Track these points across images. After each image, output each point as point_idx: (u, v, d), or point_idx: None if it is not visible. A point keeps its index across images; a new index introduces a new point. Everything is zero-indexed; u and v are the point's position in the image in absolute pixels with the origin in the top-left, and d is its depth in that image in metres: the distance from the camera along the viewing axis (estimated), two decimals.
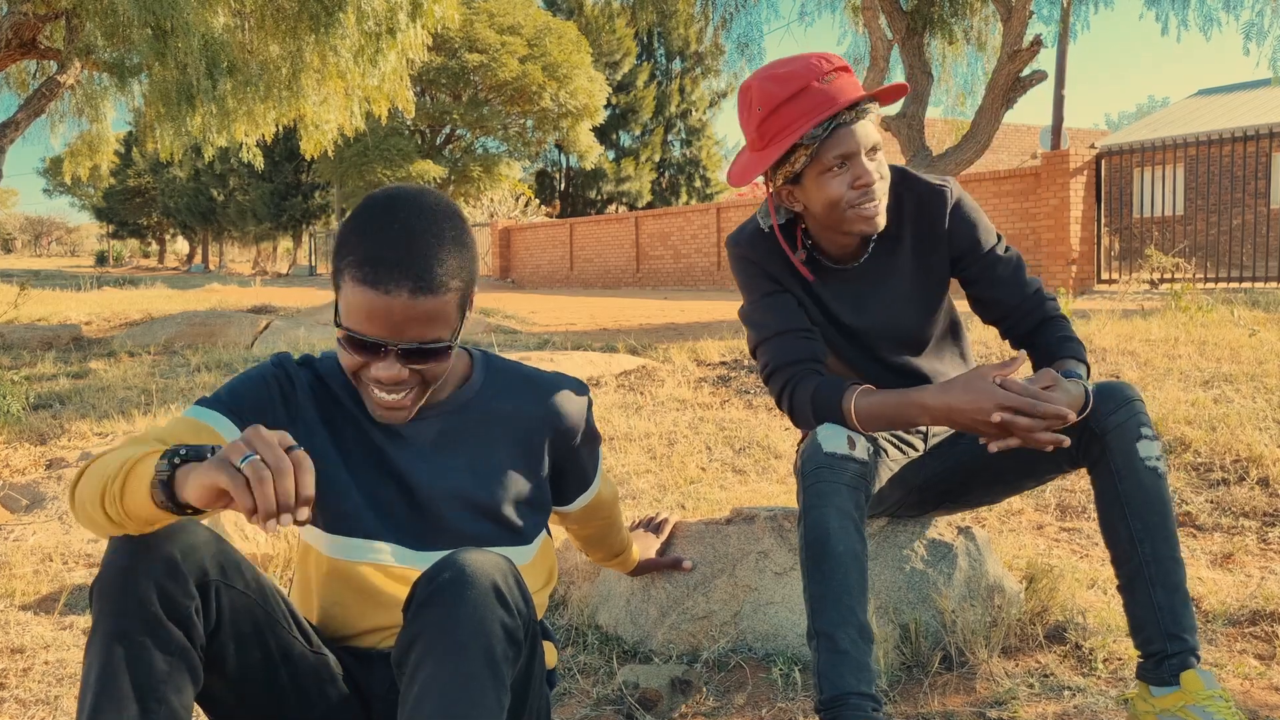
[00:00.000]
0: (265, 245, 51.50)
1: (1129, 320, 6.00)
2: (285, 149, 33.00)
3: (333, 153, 11.40)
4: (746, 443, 3.94)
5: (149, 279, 26.09)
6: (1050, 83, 19.11)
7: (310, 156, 11.10)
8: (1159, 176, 13.19)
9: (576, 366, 5.46)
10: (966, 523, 2.27)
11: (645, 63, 36.62)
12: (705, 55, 35.85)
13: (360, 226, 1.27)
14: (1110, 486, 1.72)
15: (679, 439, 4.02)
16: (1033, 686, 1.95)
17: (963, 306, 2.16)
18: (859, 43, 12.04)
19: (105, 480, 1.15)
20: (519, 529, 1.48)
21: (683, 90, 37.08)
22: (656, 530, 2.24)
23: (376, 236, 1.25)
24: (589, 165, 32.50)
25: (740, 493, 3.29)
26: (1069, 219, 12.23)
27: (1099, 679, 1.98)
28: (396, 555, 1.42)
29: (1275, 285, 10.70)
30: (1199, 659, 1.66)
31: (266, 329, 9.34)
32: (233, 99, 8.93)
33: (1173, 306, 6.46)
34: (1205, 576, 2.49)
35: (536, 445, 1.50)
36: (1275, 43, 25.90)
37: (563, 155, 35.68)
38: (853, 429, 1.74)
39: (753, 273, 1.91)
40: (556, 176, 37.03)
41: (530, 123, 28.96)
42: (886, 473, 1.95)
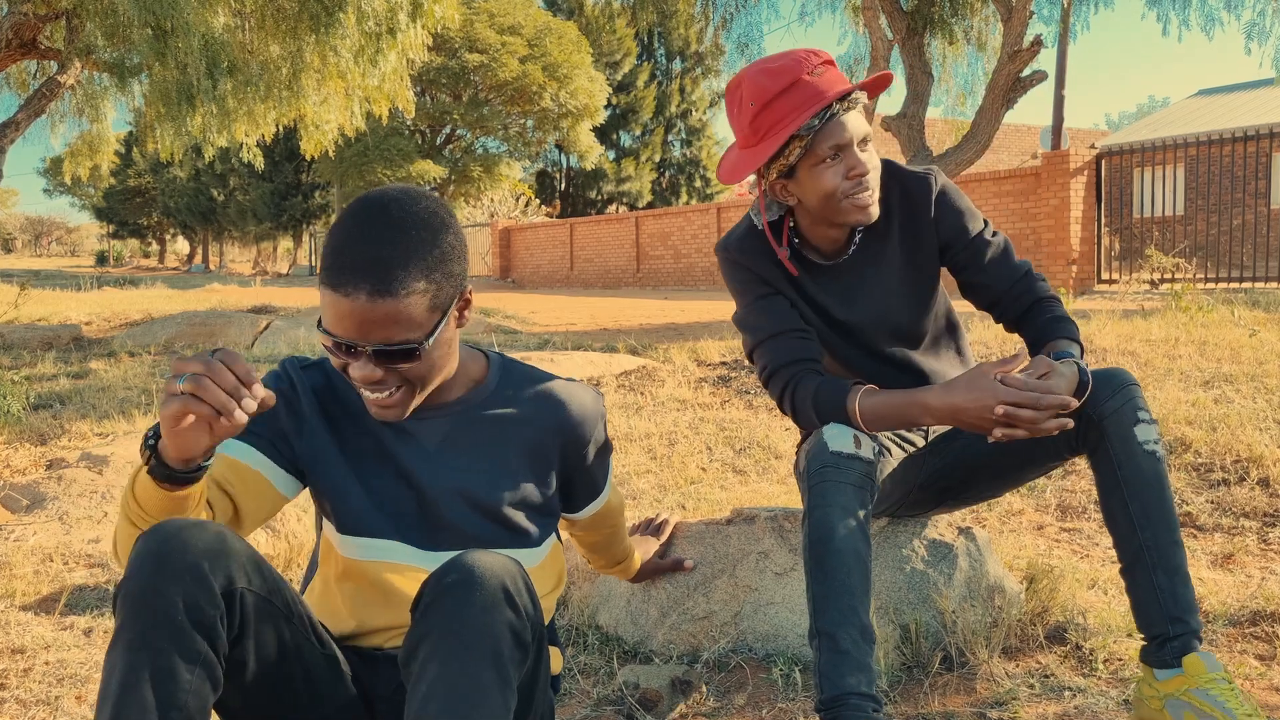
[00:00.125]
0: (265, 245, 51.53)
1: (1129, 320, 6.00)
2: (285, 149, 33.01)
3: (333, 153, 11.39)
4: (747, 443, 3.94)
5: (149, 279, 26.08)
6: (1050, 83, 19.11)
7: (310, 156, 11.10)
8: (1159, 176, 13.19)
9: (577, 366, 5.46)
10: (967, 523, 2.27)
11: (645, 63, 36.62)
12: (705, 55, 35.85)
13: (332, 231, 1.30)
14: (1109, 472, 1.73)
15: (679, 439, 4.02)
16: (1033, 687, 1.95)
17: (961, 308, 2.17)
18: (859, 43, 12.07)
19: (123, 501, 1.29)
20: (526, 532, 1.48)
21: (683, 90, 37.09)
22: (657, 532, 2.24)
23: (342, 240, 1.26)
24: (589, 165, 32.49)
25: (741, 493, 3.29)
26: (1069, 219, 12.23)
27: (1099, 679, 1.98)
28: (405, 554, 1.43)
29: (1275, 285, 10.70)
30: (1200, 640, 1.67)
31: (267, 329, 9.34)
32: (233, 99, 8.93)
33: (1173, 307, 6.46)
34: (1206, 577, 2.49)
35: (547, 451, 1.50)
36: (1277, 42, 25.91)
37: (563, 155, 35.69)
38: (857, 429, 1.74)
39: (744, 277, 1.91)
40: (557, 176, 37.04)
41: (530, 123, 28.95)
42: (888, 471, 1.95)
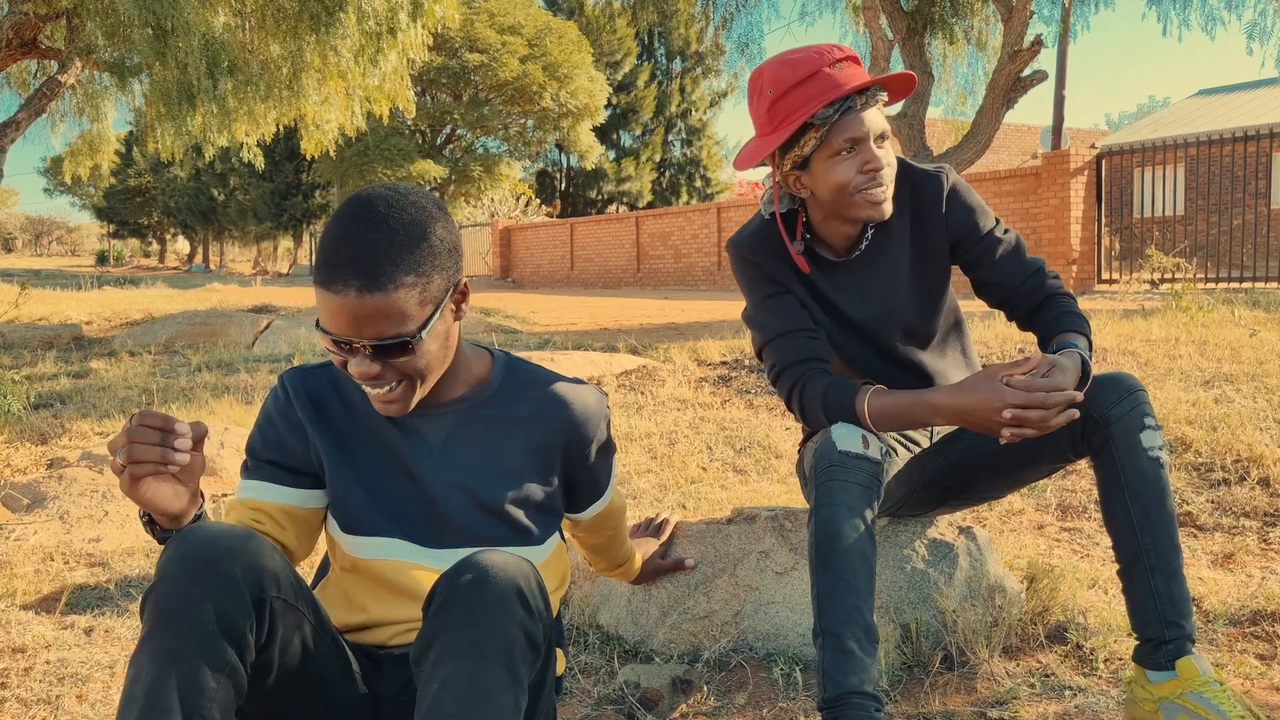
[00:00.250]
0: (266, 245, 51.50)
1: (1129, 320, 5.99)
2: (286, 148, 32.99)
3: (333, 152, 11.38)
4: (747, 442, 3.94)
5: (149, 278, 26.08)
6: (1051, 83, 19.09)
7: (311, 156, 11.09)
8: (1159, 176, 13.19)
9: (577, 366, 5.46)
10: (967, 522, 2.27)
11: (646, 63, 36.61)
12: (706, 55, 35.85)
13: (324, 230, 1.32)
14: (1113, 475, 1.74)
15: (680, 439, 4.02)
16: (1034, 686, 1.95)
17: (966, 306, 2.16)
18: (859, 43, 12.03)
19: None
20: (529, 529, 1.49)
21: (683, 90, 37.08)
22: (657, 532, 2.23)
23: (331, 240, 1.28)
24: (589, 165, 32.47)
25: (741, 492, 3.29)
26: (1069, 219, 12.23)
27: (1100, 679, 1.98)
28: (408, 552, 1.44)
29: (1276, 285, 10.70)
30: (1194, 644, 1.68)
31: (267, 329, 9.34)
32: (233, 98, 8.93)
33: (1173, 306, 6.46)
34: (1206, 576, 2.49)
35: (550, 450, 1.50)
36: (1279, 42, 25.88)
37: (563, 155, 35.67)
38: (865, 429, 1.74)
39: (754, 275, 1.91)
40: (557, 176, 37.03)
41: (531, 122, 28.92)
42: (893, 471, 1.95)
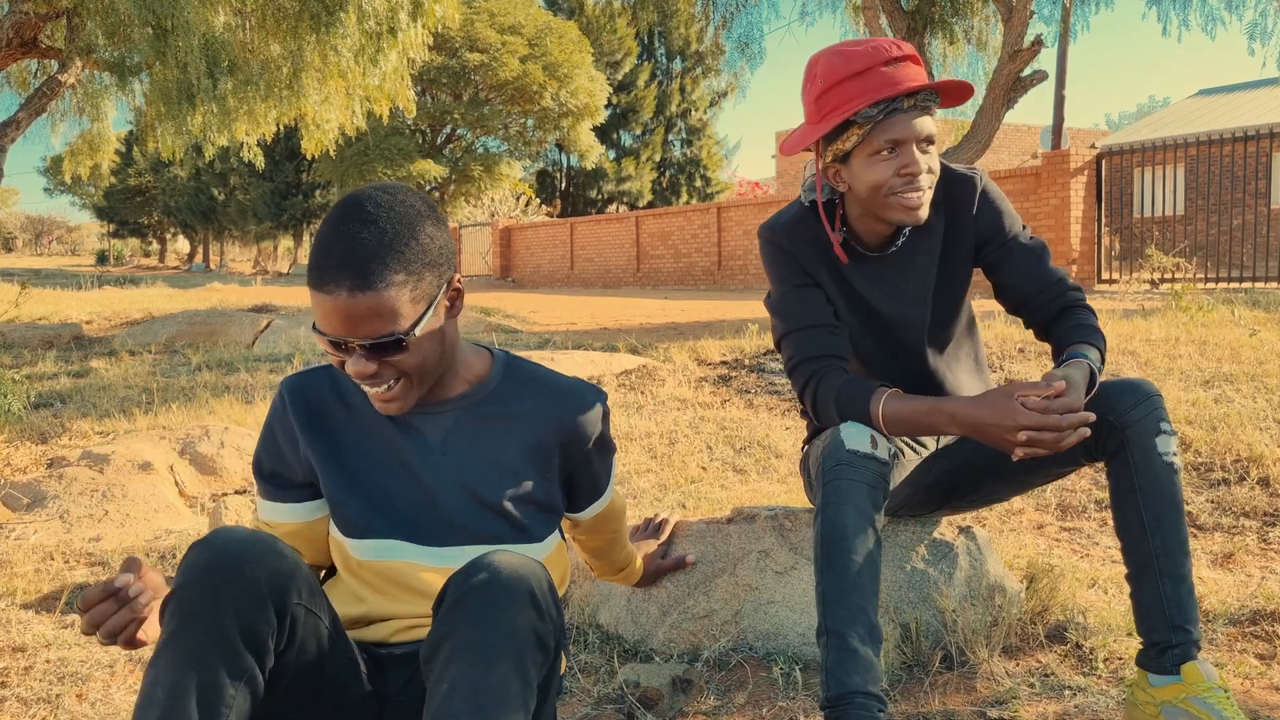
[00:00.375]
0: (266, 244, 51.51)
1: (1129, 320, 5.99)
2: (286, 148, 32.99)
3: (334, 152, 11.37)
4: (747, 442, 3.94)
5: (150, 278, 26.09)
6: (1051, 83, 19.07)
7: (311, 156, 11.10)
8: (1159, 176, 13.19)
9: (577, 366, 5.46)
10: (967, 522, 2.27)
11: (646, 62, 36.60)
12: (706, 55, 35.84)
13: (317, 232, 1.33)
14: (1127, 479, 1.74)
15: (680, 438, 4.02)
16: (1033, 686, 1.95)
17: (979, 306, 2.16)
18: None
19: None
20: (528, 528, 1.49)
21: (683, 90, 37.07)
22: (656, 531, 2.24)
23: (322, 241, 1.30)
24: (590, 165, 32.46)
25: (741, 492, 3.29)
26: (1069, 219, 12.23)
27: (1100, 679, 1.98)
28: (408, 551, 1.45)
29: (1275, 285, 10.70)
30: (1199, 650, 1.69)
31: (267, 328, 9.34)
32: (233, 98, 8.93)
33: (1173, 306, 6.46)
34: (1206, 576, 2.49)
35: (548, 449, 1.50)
36: None
37: (563, 155, 35.66)
38: (877, 430, 1.74)
39: (785, 262, 1.90)
40: (557, 176, 37.02)
41: (531, 122, 28.92)
42: (900, 472, 1.95)
